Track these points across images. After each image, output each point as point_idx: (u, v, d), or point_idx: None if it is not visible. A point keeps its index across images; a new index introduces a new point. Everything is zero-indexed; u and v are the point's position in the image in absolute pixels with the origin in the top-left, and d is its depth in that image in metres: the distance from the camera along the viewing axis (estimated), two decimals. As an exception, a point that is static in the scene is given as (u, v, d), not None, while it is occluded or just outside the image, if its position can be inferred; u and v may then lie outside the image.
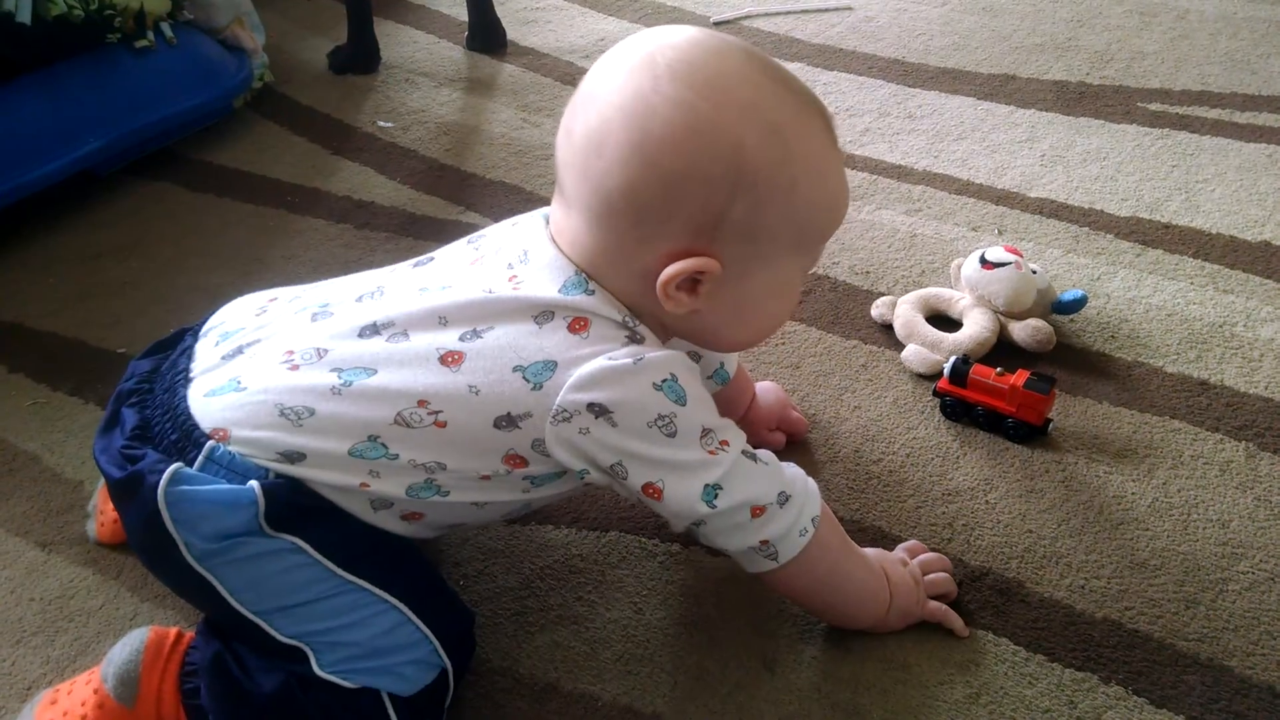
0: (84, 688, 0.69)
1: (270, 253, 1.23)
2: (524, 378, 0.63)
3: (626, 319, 0.64)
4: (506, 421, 0.63)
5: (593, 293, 0.64)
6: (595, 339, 0.63)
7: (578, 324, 0.63)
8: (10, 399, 1.02)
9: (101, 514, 0.85)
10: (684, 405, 0.63)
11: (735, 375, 0.87)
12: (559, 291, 0.64)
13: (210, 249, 1.25)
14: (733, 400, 0.89)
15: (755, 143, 0.60)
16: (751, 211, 0.61)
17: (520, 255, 0.67)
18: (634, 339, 0.64)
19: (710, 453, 0.64)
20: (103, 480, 0.86)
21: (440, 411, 0.63)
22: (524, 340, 0.63)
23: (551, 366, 0.62)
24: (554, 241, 0.66)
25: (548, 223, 0.68)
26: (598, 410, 0.62)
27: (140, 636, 0.70)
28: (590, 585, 0.80)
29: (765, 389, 0.93)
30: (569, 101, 0.65)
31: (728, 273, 0.63)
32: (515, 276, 0.66)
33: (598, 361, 0.62)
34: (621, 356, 0.62)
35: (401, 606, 0.66)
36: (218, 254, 1.24)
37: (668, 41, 0.62)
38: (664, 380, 0.63)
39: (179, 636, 0.71)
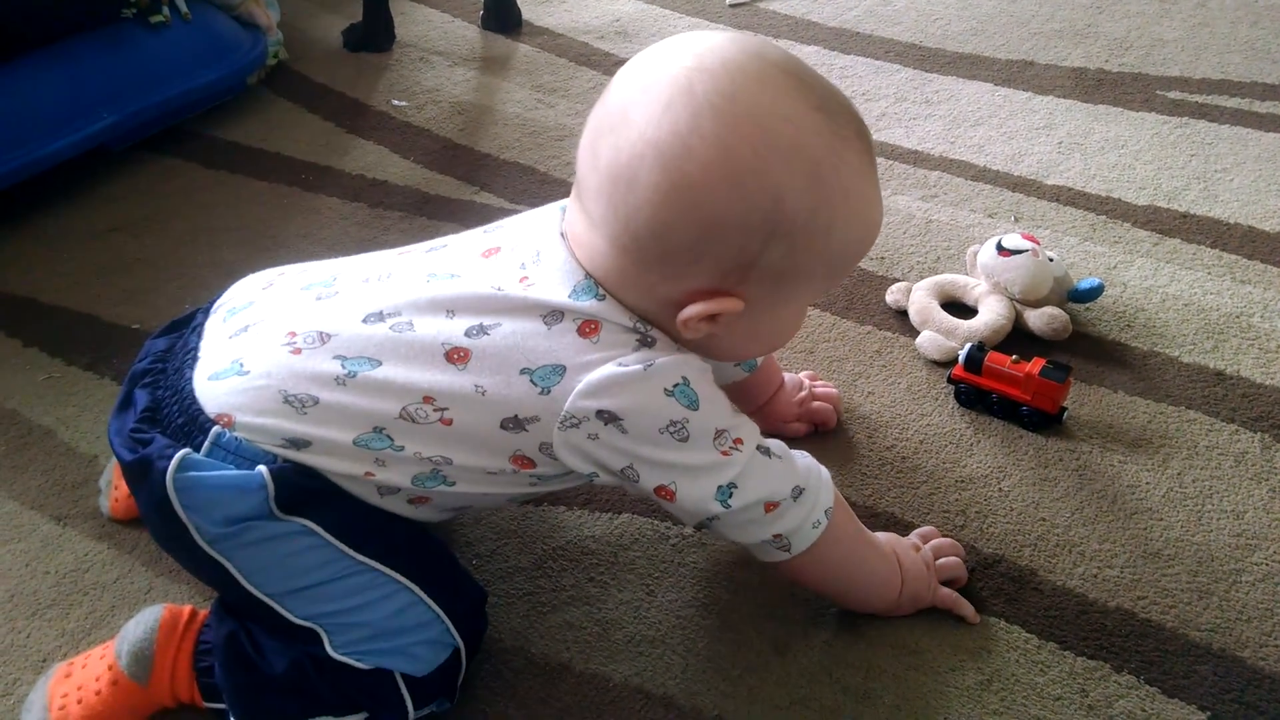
0: (98, 663, 0.70)
1: (284, 230, 1.23)
2: (531, 381, 0.61)
3: (638, 324, 0.62)
4: (513, 424, 0.63)
5: (603, 298, 0.62)
6: (605, 344, 0.62)
7: (588, 327, 0.62)
8: (25, 373, 1.02)
9: (115, 489, 0.86)
10: (696, 409, 0.62)
11: (764, 362, 0.86)
12: (569, 296, 0.62)
13: (224, 225, 1.25)
14: (758, 388, 0.88)
15: (795, 190, 0.57)
16: (785, 256, 0.59)
17: (534, 255, 0.65)
18: (645, 342, 0.62)
19: (724, 453, 0.63)
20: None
21: (446, 409, 0.63)
22: (532, 341, 0.62)
23: (560, 371, 0.61)
24: (569, 244, 0.64)
25: (564, 216, 0.66)
26: (607, 417, 0.61)
27: (154, 614, 0.70)
28: (602, 566, 0.80)
29: (793, 380, 0.92)
30: (593, 113, 0.61)
31: (752, 308, 0.62)
32: (527, 278, 0.64)
33: (607, 368, 0.61)
34: (632, 362, 0.61)
35: (413, 587, 0.66)
36: (231, 230, 1.24)
37: (705, 65, 0.57)
38: (675, 385, 0.61)
39: (193, 615, 0.71)
